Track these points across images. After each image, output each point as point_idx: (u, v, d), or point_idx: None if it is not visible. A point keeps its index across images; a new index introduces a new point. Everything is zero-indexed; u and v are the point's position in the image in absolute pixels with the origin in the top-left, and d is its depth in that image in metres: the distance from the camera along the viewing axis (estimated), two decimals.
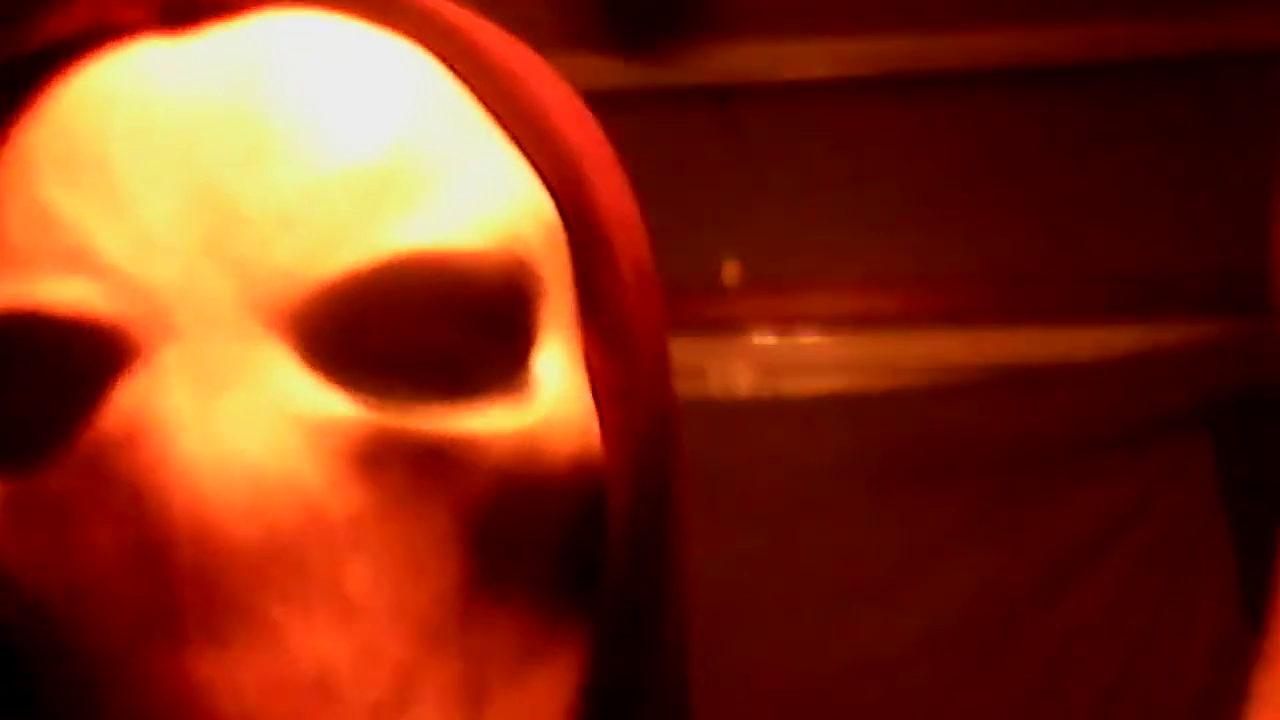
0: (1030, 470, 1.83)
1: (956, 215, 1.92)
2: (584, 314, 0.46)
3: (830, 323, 1.95)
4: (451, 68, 0.46)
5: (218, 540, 0.36)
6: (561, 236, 0.45)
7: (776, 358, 1.96)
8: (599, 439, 0.44)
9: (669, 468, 0.47)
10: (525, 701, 0.42)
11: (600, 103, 0.52)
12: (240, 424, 0.37)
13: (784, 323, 1.96)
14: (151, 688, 0.37)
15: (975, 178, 1.95)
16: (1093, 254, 1.91)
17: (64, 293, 0.39)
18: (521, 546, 0.42)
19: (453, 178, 0.42)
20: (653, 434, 0.47)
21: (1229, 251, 1.85)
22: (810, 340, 1.96)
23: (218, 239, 0.39)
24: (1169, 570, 1.78)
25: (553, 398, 0.42)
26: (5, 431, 0.41)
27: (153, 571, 0.36)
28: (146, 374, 0.38)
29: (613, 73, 1.96)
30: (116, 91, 0.43)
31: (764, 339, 1.97)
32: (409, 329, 0.41)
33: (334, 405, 0.38)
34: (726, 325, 1.95)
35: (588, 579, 0.44)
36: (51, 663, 0.40)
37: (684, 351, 0.49)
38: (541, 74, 0.49)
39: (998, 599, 1.78)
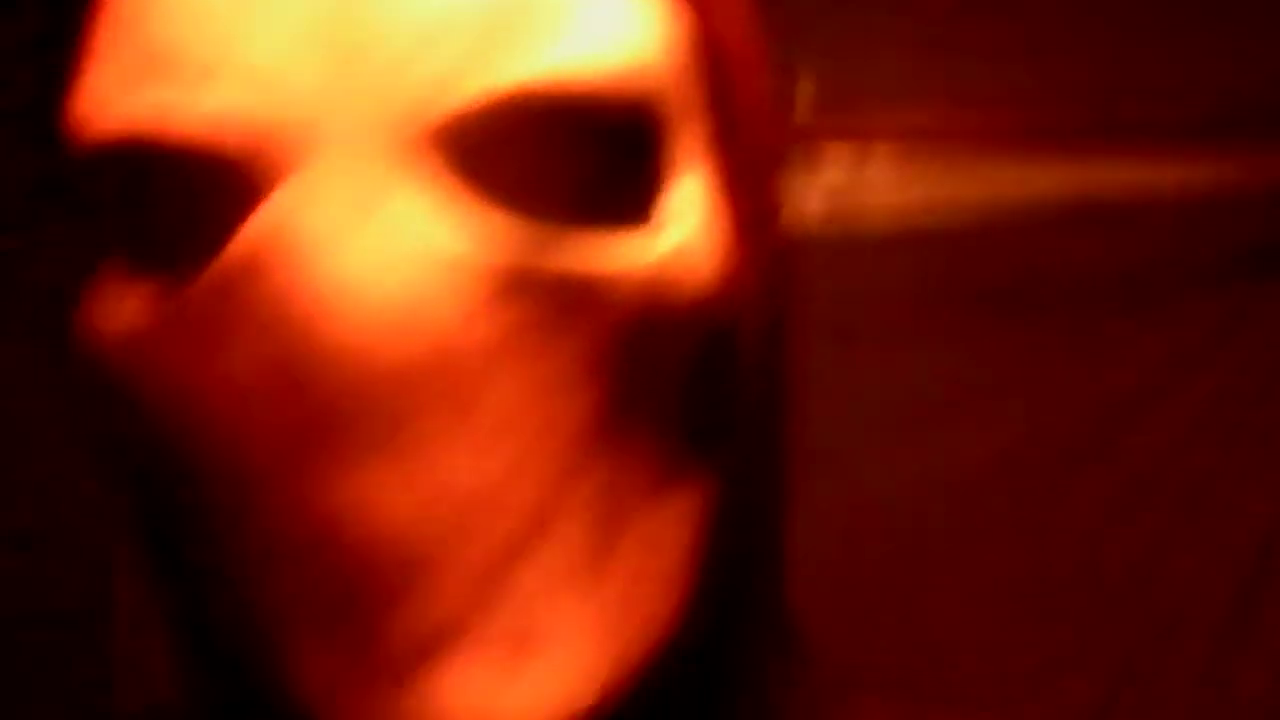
0: (1092, 309, 1.82)
1: (1042, 33, 1.86)
2: (716, 142, 0.46)
3: (906, 151, 1.90)
4: None
5: (367, 359, 0.37)
6: (692, 65, 0.45)
7: (849, 188, 1.93)
8: (731, 268, 0.45)
9: (793, 295, 0.49)
10: (658, 523, 0.43)
11: None
12: (386, 248, 0.38)
13: (859, 148, 1.92)
14: (301, 505, 0.38)
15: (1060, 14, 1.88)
16: (1190, 74, 1.84)
17: (212, 100, 0.40)
18: (654, 375, 0.43)
19: (584, 4, 0.42)
20: (782, 261, 0.48)
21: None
22: (884, 172, 1.92)
23: (363, 55, 0.39)
24: (1234, 415, 1.79)
25: (685, 227, 0.43)
26: (155, 238, 0.43)
27: (302, 389, 0.38)
28: (290, 191, 0.39)
29: None
30: None
31: (837, 169, 1.93)
32: (541, 156, 0.42)
33: (477, 231, 0.39)
34: (797, 152, 1.90)
35: (717, 408, 0.45)
36: (195, 473, 0.42)
37: None
38: None
39: (1056, 435, 1.79)
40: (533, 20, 0.41)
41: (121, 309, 0.42)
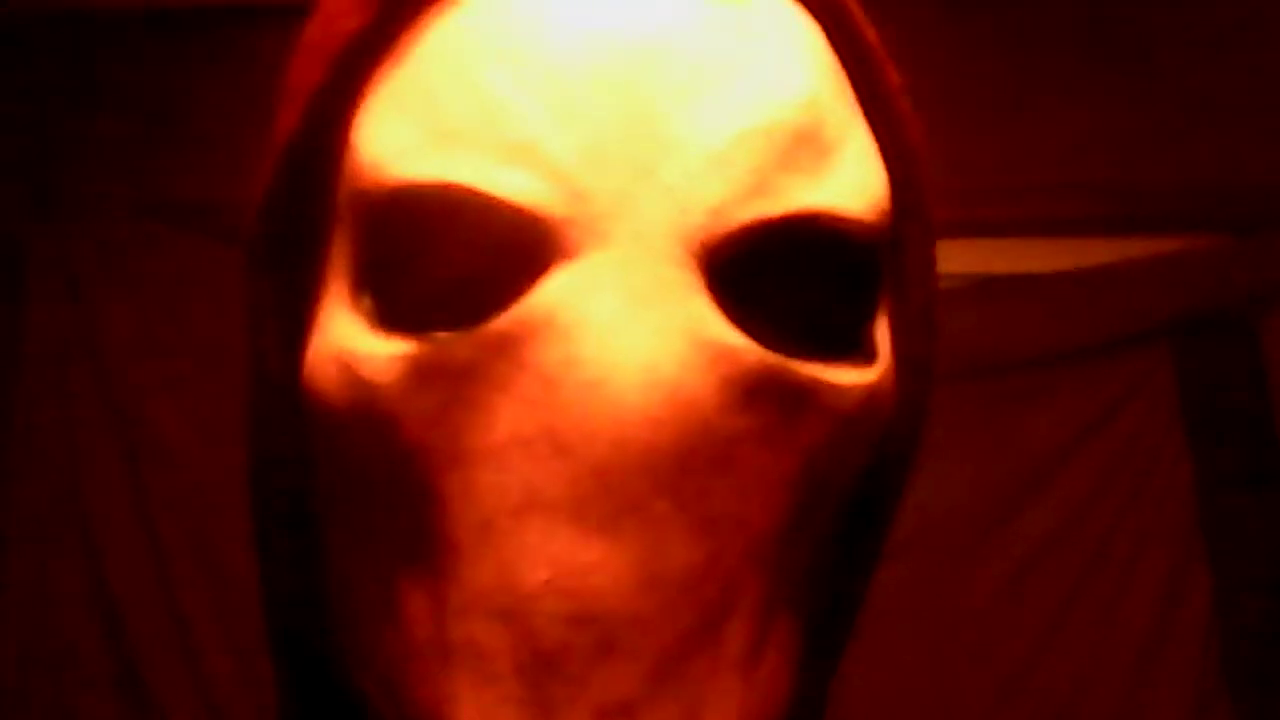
0: (996, 381, 1.85)
1: (929, 124, 1.89)
2: (891, 285, 0.50)
3: None
4: (830, 39, 0.49)
5: (632, 443, 0.40)
6: (892, 220, 0.49)
7: None
8: (901, 406, 0.49)
9: (921, 440, 0.52)
10: (799, 621, 0.46)
11: None
12: (660, 340, 0.41)
13: None
14: (525, 561, 0.40)
15: (950, 86, 1.90)
16: (1067, 167, 1.89)
17: (512, 182, 0.42)
18: (834, 490, 0.46)
19: (844, 146, 0.46)
20: (928, 408, 0.52)
21: (1202, 169, 1.83)
22: None
23: (654, 164, 0.42)
24: (1129, 480, 1.83)
25: (886, 363, 0.47)
26: (419, 293, 0.45)
27: (557, 457, 0.40)
28: (575, 273, 0.42)
29: None
30: (555, 1, 0.45)
31: None
32: (791, 278, 0.45)
33: (734, 336, 0.42)
34: None
35: (863, 527, 0.49)
36: (402, 517, 0.44)
37: None
38: (888, 54, 0.52)
39: (965, 503, 1.82)
40: (810, 152, 0.44)
41: (371, 353, 0.44)
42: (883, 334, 0.48)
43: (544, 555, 0.40)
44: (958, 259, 1.87)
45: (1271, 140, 1.88)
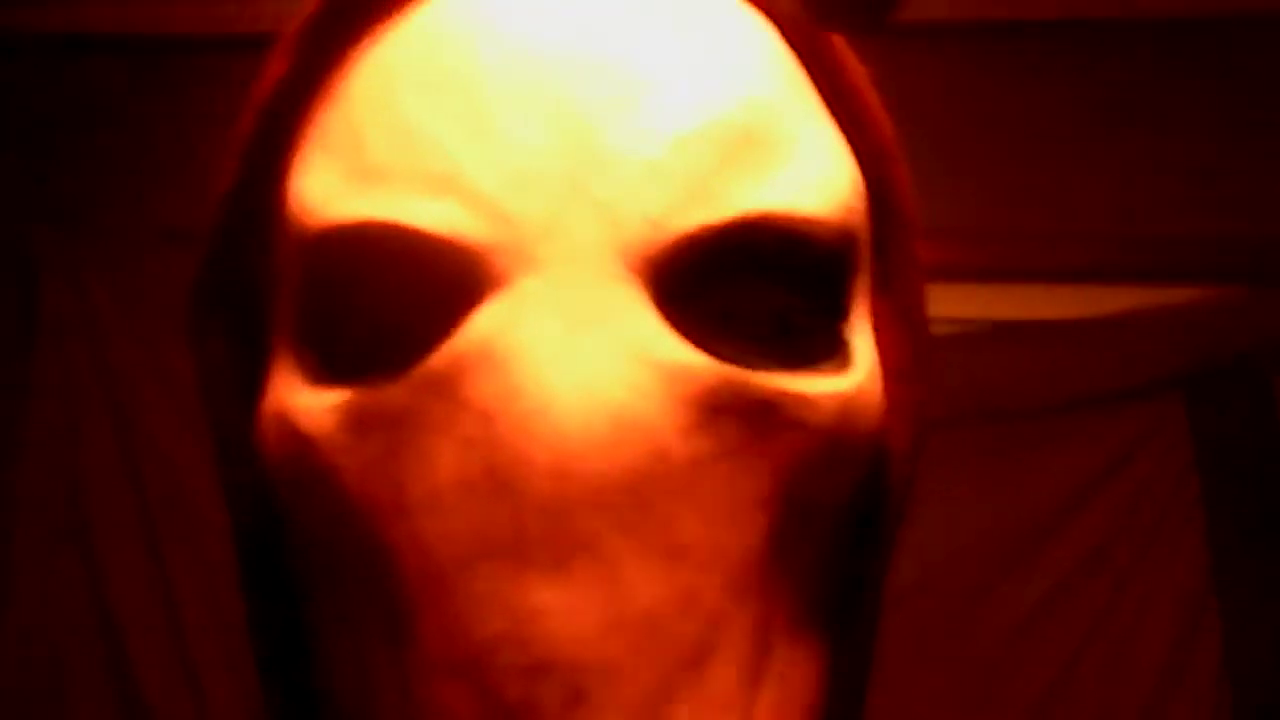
0: (1008, 427, 1.83)
1: (946, 170, 1.89)
2: (877, 289, 0.47)
3: None
4: (785, 37, 0.47)
5: (576, 475, 0.37)
6: (867, 212, 0.46)
7: None
8: (885, 413, 0.46)
9: (925, 446, 0.50)
10: (801, 654, 0.43)
11: None
12: (601, 363, 0.38)
13: None
14: (479, 612, 0.37)
15: (967, 133, 1.91)
16: (1083, 214, 1.89)
17: (433, 213, 0.40)
18: (818, 509, 0.43)
19: (798, 144, 0.43)
20: (928, 413, 0.49)
21: (1218, 218, 1.83)
22: None
23: (585, 179, 0.40)
24: (1141, 531, 1.81)
25: (863, 369, 0.44)
26: (351, 340, 0.42)
27: (500, 498, 0.37)
28: (507, 302, 0.39)
29: None
30: (484, 20, 0.43)
31: None
32: (750, 286, 0.42)
33: (685, 353, 0.40)
34: None
35: (860, 546, 0.47)
36: (359, 572, 0.41)
37: None
38: (850, 48, 0.50)
39: (972, 551, 1.80)
40: (756, 154, 0.42)
41: (308, 407, 0.42)
42: (861, 339, 0.45)
43: (496, 605, 0.37)
44: (972, 304, 1.87)
45: None
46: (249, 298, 0.47)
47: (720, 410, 0.40)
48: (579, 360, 0.38)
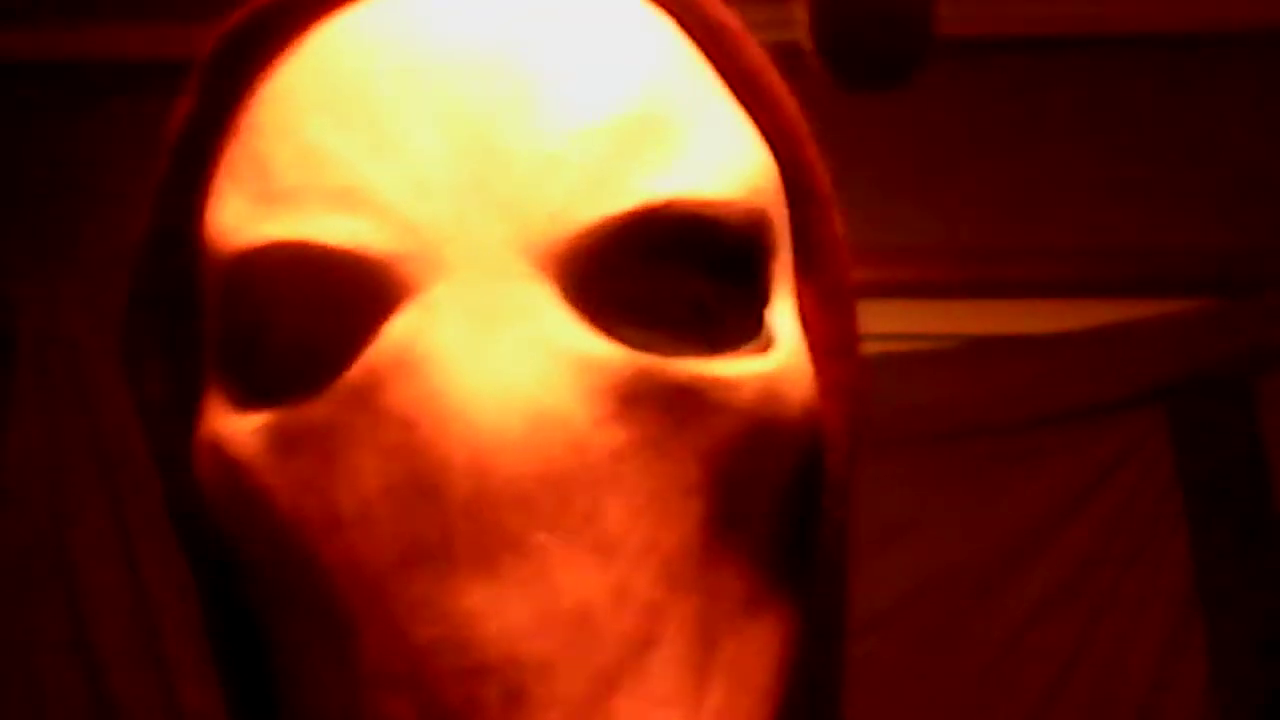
0: (991, 442, 1.84)
1: (922, 188, 1.90)
2: (800, 270, 0.47)
3: None
4: (682, 26, 0.47)
5: (494, 473, 0.37)
6: (781, 193, 0.47)
7: None
8: (820, 390, 0.46)
9: (865, 421, 0.49)
10: (748, 643, 0.42)
11: None
12: (514, 360, 0.38)
13: None
14: (412, 620, 0.37)
15: (943, 151, 1.92)
16: (1063, 229, 1.90)
17: (337, 228, 0.40)
18: (754, 492, 0.43)
19: (699, 130, 0.43)
20: (863, 389, 0.48)
21: (1202, 231, 1.84)
22: None
23: (486, 180, 0.40)
24: (1125, 543, 1.81)
25: (786, 348, 0.44)
26: (272, 362, 0.42)
27: (424, 502, 0.37)
28: (418, 309, 0.39)
29: None
30: (380, 34, 0.44)
31: None
32: (661, 274, 0.42)
33: (598, 345, 0.40)
34: None
35: (802, 526, 0.45)
36: (301, 592, 0.41)
37: None
38: (751, 35, 0.49)
39: (957, 568, 1.81)
40: (655, 143, 0.42)
41: (235, 432, 0.42)
42: (784, 319, 0.45)
43: (430, 610, 0.37)
44: (951, 320, 1.87)
45: (1267, 202, 1.89)
46: (178, 333, 0.47)
47: (637, 399, 0.40)
48: (492, 359, 0.38)
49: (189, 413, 0.46)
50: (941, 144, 1.92)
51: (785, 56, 0.50)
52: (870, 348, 0.50)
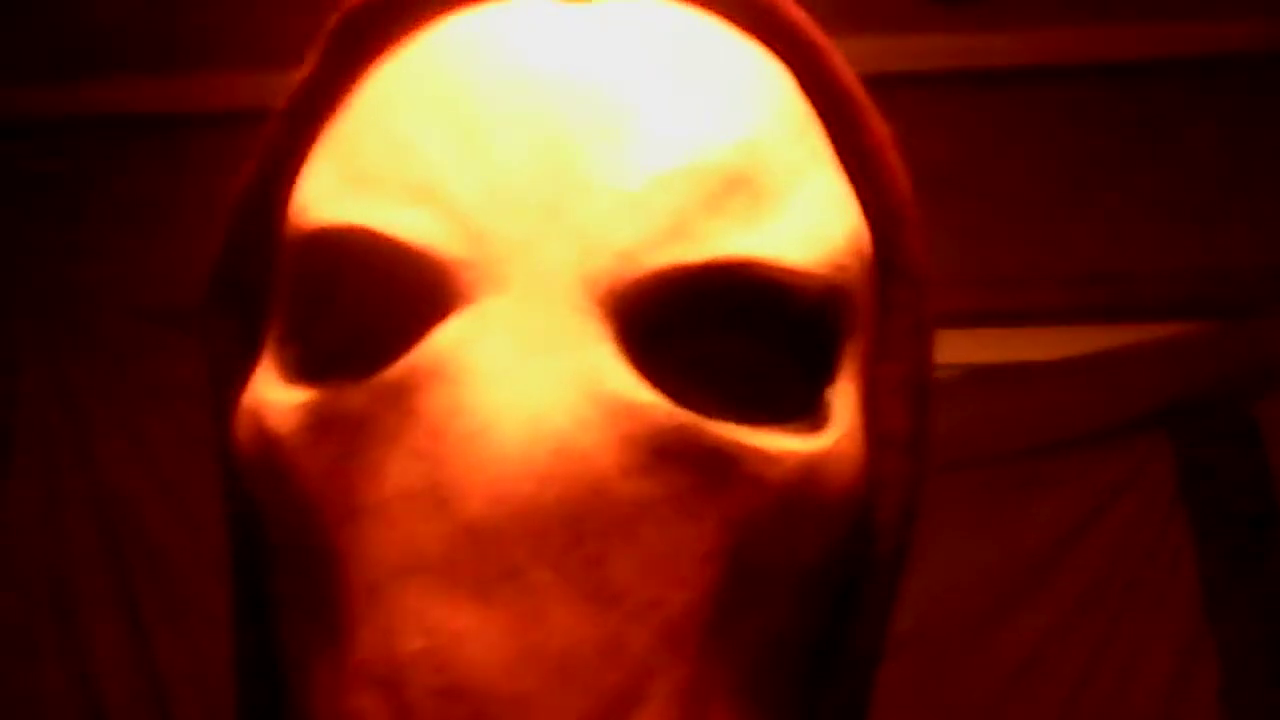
0: (995, 470, 1.83)
1: (928, 217, 1.90)
2: (877, 354, 0.46)
3: None
4: (801, 82, 0.46)
5: (509, 500, 0.36)
6: (872, 274, 0.45)
7: None
8: (868, 481, 0.44)
9: (917, 524, 0.47)
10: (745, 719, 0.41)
11: None
12: (552, 390, 0.38)
13: None
14: (403, 628, 0.37)
15: (940, 179, 1.92)
16: (1061, 255, 1.90)
17: (409, 223, 0.40)
18: (779, 572, 0.41)
19: (793, 193, 0.42)
20: (923, 486, 0.47)
21: (1196, 254, 1.84)
22: None
23: (562, 205, 0.40)
24: (1132, 567, 1.80)
25: (840, 431, 0.42)
26: (327, 341, 0.43)
27: (436, 514, 0.37)
28: (469, 319, 0.39)
29: None
30: (490, 42, 0.44)
31: None
32: (724, 333, 0.42)
33: (640, 392, 0.39)
34: None
35: (833, 615, 0.44)
36: (310, 573, 0.41)
37: None
38: (876, 105, 0.49)
39: (964, 597, 1.80)
40: (742, 198, 0.41)
41: (277, 403, 0.42)
42: (844, 401, 0.43)
43: (420, 622, 0.37)
44: (951, 348, 1.87)
45: (1263, 223, 1.89)
46: (255, 295, 0.48)
47: (669, 454, 0.39)
48: (530, 384, 0.38)
49: (249, 372, 0.46)
50: (934, 172, 1.93)
51: None
52: None
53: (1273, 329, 1.83)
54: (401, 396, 0.39)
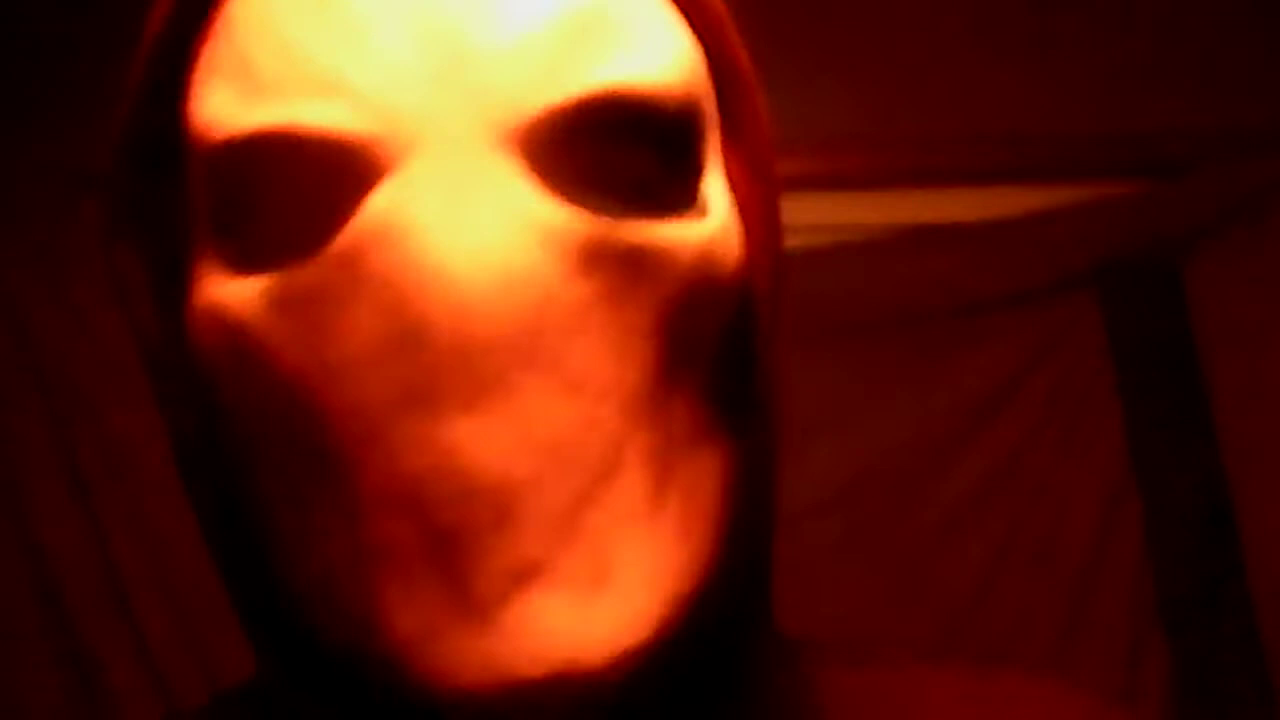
0: (924, 330, 1.87)
1: (848, 78, 1.90)
2: (728, 145, 0.54)
3: None
4: None
5: (473, 324, 0.42)
6: (709, 80, 0.53)
7: None
8: (751, 249, 0.53)
9: (786, 273, 0.56)
10: (698, 472, 0.48)
11: None
12: (486, 226, 0.43)
13: None
14: (407, 453, 0.43)
15: (868, 40, 1.92)
16: (989, 115, 1.91)
17: (318, 114, 0.46)
18: (698, 340, 0.49)
19: (637, 27, 0.49)
20: (783, 249, 0.56)
21: (1125, 114, 1.85)
22: None
23: (453, 71, 0.46)
24: (1060, 425, 1.86)
25: (719, 215, 0.51)
26: (264, 235, 0.47)
27: (411, 352, 0.42)
28: (396, 184, 0.45)
29: None
30: None
31: None
32: (610, 150, 0.48)
33: (560, 211, 0.45)
34: None
35: (739, 371, 0.51)
36: (302, 438, 0.46)
37: None
38: None
39: (896, 454, 1.85)
40: (601, 37, 0.48)
41: (234, 295, 0.47)
42: (716, 189, 0.51)
43: (424, 443, 0.42)
44: (880, 209, 1.88)
45: (1193, 84, 1.90)
46: (158, 213, 0.53)
47: (597, 258, 0.45)
48: (466, 226, 0.43)
49: (166, 286, 0.52)
50: (865, 32, 1.92)
51: None
52: (799, 240, 0.54)
53: (1201, 190, 1.85)
54: (352, 262, 0.44)
